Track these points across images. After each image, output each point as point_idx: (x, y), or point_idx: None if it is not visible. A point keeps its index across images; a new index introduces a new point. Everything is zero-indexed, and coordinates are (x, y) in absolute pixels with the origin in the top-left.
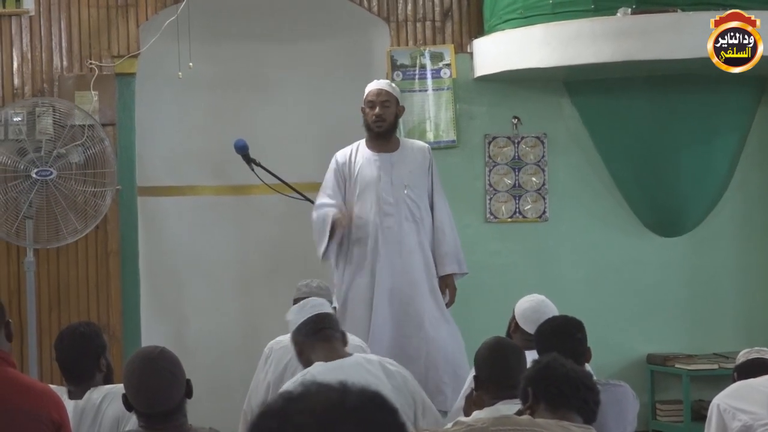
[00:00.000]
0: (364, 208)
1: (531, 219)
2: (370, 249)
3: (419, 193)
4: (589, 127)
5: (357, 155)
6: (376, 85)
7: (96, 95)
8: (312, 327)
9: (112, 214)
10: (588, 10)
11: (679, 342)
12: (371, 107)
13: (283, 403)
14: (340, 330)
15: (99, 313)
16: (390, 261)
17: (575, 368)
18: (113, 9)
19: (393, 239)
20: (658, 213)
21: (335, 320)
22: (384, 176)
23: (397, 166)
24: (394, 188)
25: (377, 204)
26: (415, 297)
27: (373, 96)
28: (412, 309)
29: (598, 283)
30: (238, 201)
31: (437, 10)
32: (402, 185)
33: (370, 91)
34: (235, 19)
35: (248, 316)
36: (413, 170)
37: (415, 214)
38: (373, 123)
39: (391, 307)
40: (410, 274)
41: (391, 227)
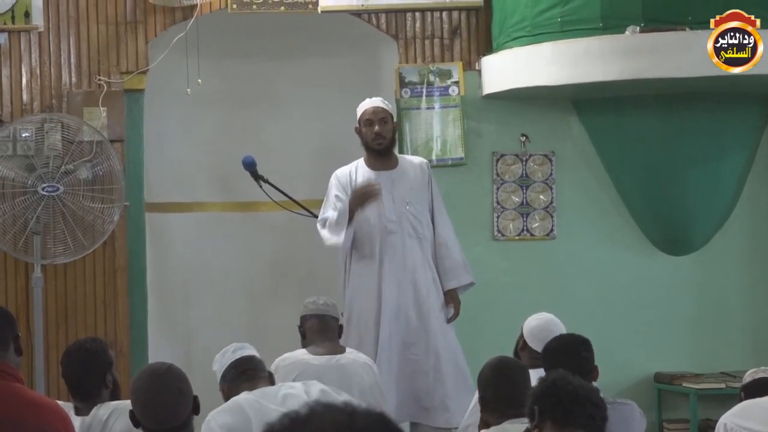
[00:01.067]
0: (367, 226)
1: (539, 237)
2: (376, 266)
3: (420, 209)
4: (597, 145)
5: (357, 174)
6: (372, 103)
7: (104, 111)
8: (234, 371)
9: (120, 230)
10: (596, 29)
11: (687, 361)
12: (369, 125)
13: (290, 425)
14: (265, 370)
15: (106, 329)
16: (396, 278)
17: (582, 384)
18: (122, 25)
19: (398, 256)
20: (666, 231)
21: (259, 361)
22: (385, 194)
23: (398, 184)
24: (395, 205)
25: (380, 222)
26: (423, 313)
27: (371, 114)
28: (419, 325)
29: (606, 301)
30: (246, 217)
31: (445, 27)
32: (403, 202)
33: (365, 109)
34: (243, 36)
35: (255, 332)
36: (414, 187)
37: (418, 230)
38: (373, 141)
39: (398, 323)
40: (417, 291)
41: (395, 244)
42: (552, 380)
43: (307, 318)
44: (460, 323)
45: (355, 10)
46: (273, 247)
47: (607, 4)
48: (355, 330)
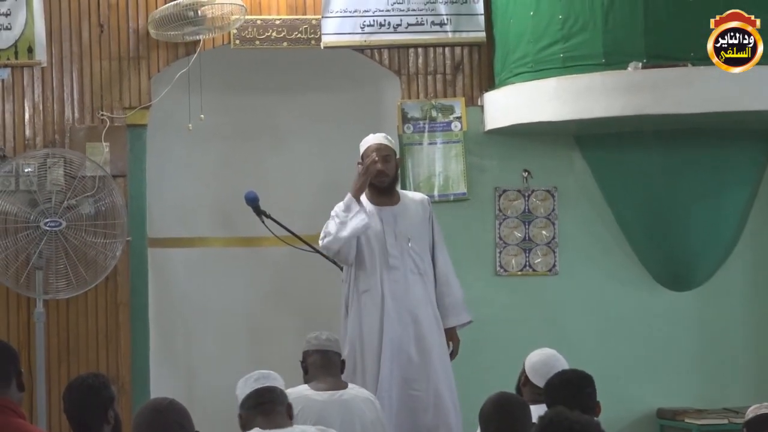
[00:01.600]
0: (371, 261)
1: (541, 272)
2: (378, 301)
3: (422, 246)
4: (600, 181)
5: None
6: (375, 140)
7: (107, 146)
8: (253, 401)
9: (123, 266)
10: (599, 64)
11: (689, 396)
12: (372, 162)
13: None
14: (284, 403)
15: (108, 365)
16: (398, 314)
17: (580, 420)
18: (125, 61)
19: (400, 293)
20: (668, 267)
21: (279, 393)
22: (387, 229)
23: (400, 220)
24: (398, 241)
25: (383, 257)
26: (424, 349)
27: (374, 151)
28: (420, 361)
29: (608, 336)
30: (248, 253)
31: (448, 63)
32: (405, 238)
33: (369, 146)
34: (246, 72)
35: (257, 367)
36: (415, 223)
37: (420, 266)
38: (375, 178)
39: (399, 360)
40: (418, 327)
41: (398, 280)
42: (549, 418)
43: (310, 353)
44: (461, 359)
45: (357, 45)
46: (275, 282)
47: (609, 40)
48: (357, 364)
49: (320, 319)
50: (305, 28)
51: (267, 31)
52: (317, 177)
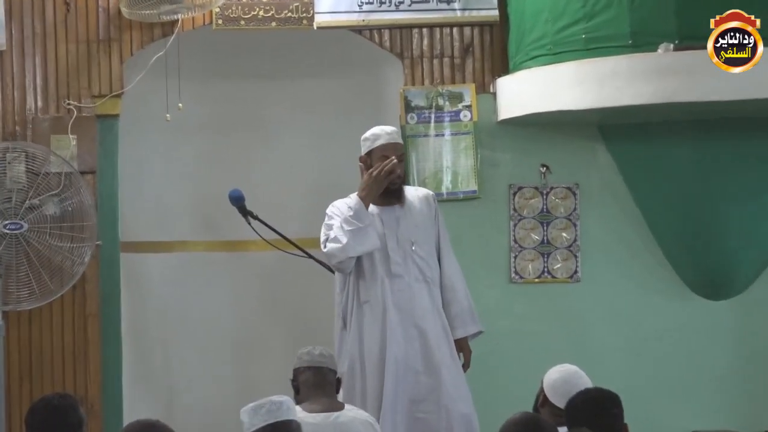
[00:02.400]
0: (371, 269)
1: (561, 279)
2: (380, 313)
3: (428, 250)
4: (626, 177)
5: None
6: (390, 138)
7: (74, 139)
8: None
9: (92, 273)
10: (625, 46)
11: (727, 417)
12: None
13: None
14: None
15: (76, 384)
16: (403, 328)
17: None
18: (94, 44)
19: (404, 303)
20: (703, 273)
21: (296, 428)
22: (389, 233)
23: (403, 222)
24: (400, 246)
25: (384, 264)
26: (433, 366)
27: (391, 151)
28: (429, 380)
29: (637, 351)
30: (233, 258)
31: (456, 45)
32: (409, 242)
33: (384, 144)
34: (229, 56)
35: (244, 386)
36: (419, 224)
37: (426, 273)
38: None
39: (405, 379)
40: (426, 341)
41: (402, 289)
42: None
43: (302, 371)
44: (473, 375)
45: (355, 26)
46: (263, 290)
47: (636, 19)
48: (356, 384)
49: (313, 332)
50: (296, 6)
51: (253, 10)
52: (310, 174)
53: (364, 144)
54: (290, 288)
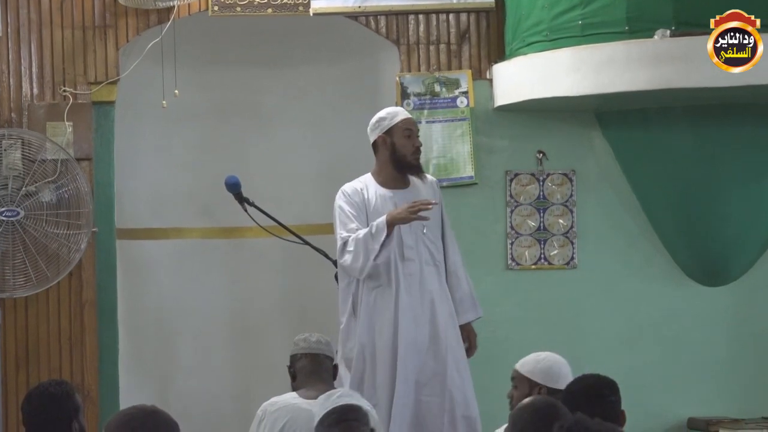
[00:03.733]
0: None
1: (558, 266)
2: (392, 298)
3: (436, 234)
4: (623, 163)
5: (369, 192)
6: (406, 114)
7: (70, 126)
8: (336, 417)
9: (88, 260)
10: (622, 32)
11: (724, 404)
12: (409, 137)
13: None
14: (368, 424)
15: (72, 371)
16: (413, 312)
17: (603, 428)
18: (90, 30)
19: (415, 286)
20: (701, 260)
21: (364, 413)
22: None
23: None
24: (412, 230)
25: (398, 248)
26: (440, 351)
27: (413, 125)
28: (435, 365)
29: (634, 338)
30: (230, 245)
31: (452, 32)
32: (420, 225)
33: (404, 119)
34: (226, 42)
35: (241, 374)
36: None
37: (435, 256)
38: (412, 155)
39: (414, 361)
40: (434, 326)
41: (413, 273)
42: (569, 426)
43: (298, 357)
44: (469, 361)
45: (350, 12)
46: (260, 277)
47: (633, 5)
48: (366, 370)
49: (311, 319)
50: None
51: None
52: (306, 160)
53: (380, 124)
54: (287, 274)
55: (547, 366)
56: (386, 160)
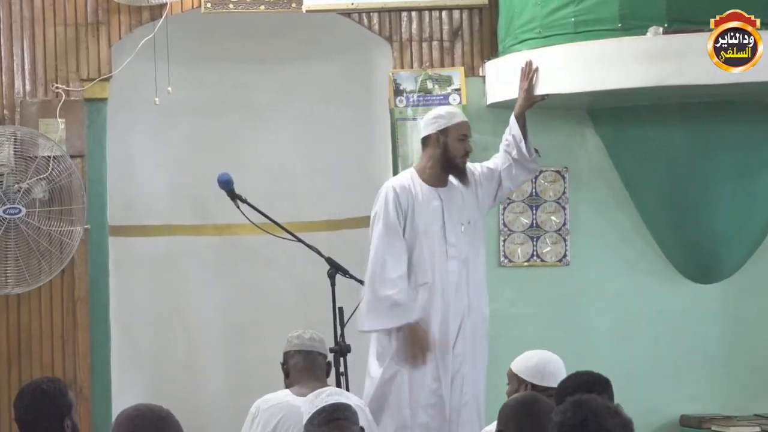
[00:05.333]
0: (429, 251)
1: (550, 263)
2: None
3: (473, 230)
4: (616, 161)
5: (416, 189)
6: (464, 117)
7: (63, 123)
8: (325, 416)
9: (80, 257)
10: (615, 29)
11: (717, 402)
12: (462, 140)
13: None
14: (358, 423)
15: (65, 368)
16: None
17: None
18: (82, 27)
19: (458, 284)
20: (693, 257)
21: (353, 412)
22: (447, 215)
23: (454, 202)
24: (454, 228)
25: (442, 246)
26: (471, 349)
27: (468, 130)
28: (463, 361)
29: (626, 335)
30: (223, 242)
31: (445, 28)
32: (459, 223)
33: (462, 122)
34: (219, 39)
35: (234, 371)
36: (467, 204)
37: (471, 253)
38: (462, 158)
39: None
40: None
41: (455, 271)
42: (564, 409)
43: (291, 354)
44: None
45: (343, 9)
46: (253, 274)
47: (626, 2)
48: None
49: (305, 316)
50: None
51: None
52: (299, 157)
53: (437, 121)
54: (280, 271)
55: (534, 364)
56: (435, 157)
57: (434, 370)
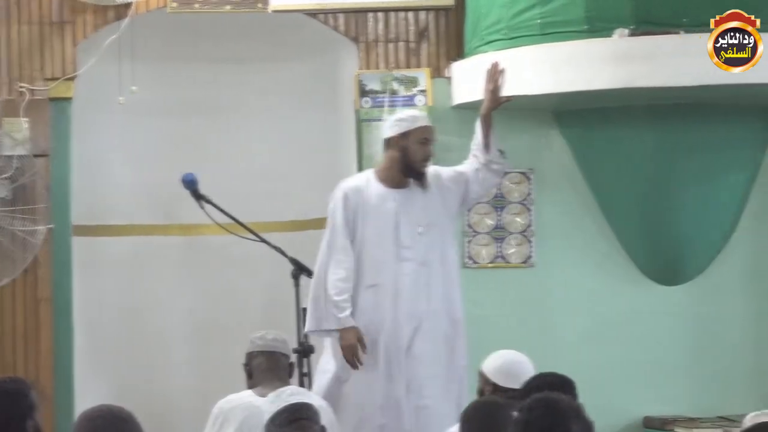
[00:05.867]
0: (381, 252)
1: (515, 264)
2: (390, 298)
3: (435, 233)
4: (581, 163)
5: (370, 190)
6: (428, 121)
7: (27, 122)
8: (285, 417)
9: (44, 257)
10: (581, 31)
11: (681, 403)
12: (423, 144)
13: None
14: (319, 422)
15: (27, 368)
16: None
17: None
18: (47, 26)
19: (411, 287)
20: (657, 259)
21: (315, 412)
22: (402, 217)
23: (412, 204)
24: (410, 230)
25: (395, 248)
26: (416, 355)
27: (431, 134)
28: (408, 366)
29: (590, 336)
30: (188, 242)
31: (411, 29)
32: (417, 225)
33: (425, 126)
34: (184, 39)
35: (199, 372)
36: (428, 206)
37: (431, 256)
38: (422, 162)
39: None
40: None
41: (409, 274)
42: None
43: (254, 355)
44: None
45: (309, 9)
46: (218, 275)
47: (592, 3)
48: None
49: (271, 317)
50: None
51: None
52: (265, 157)
53: (399, 124)
54: (245, 272)
55: (499, 364)
56: (395, 159)
57: (386, 371)
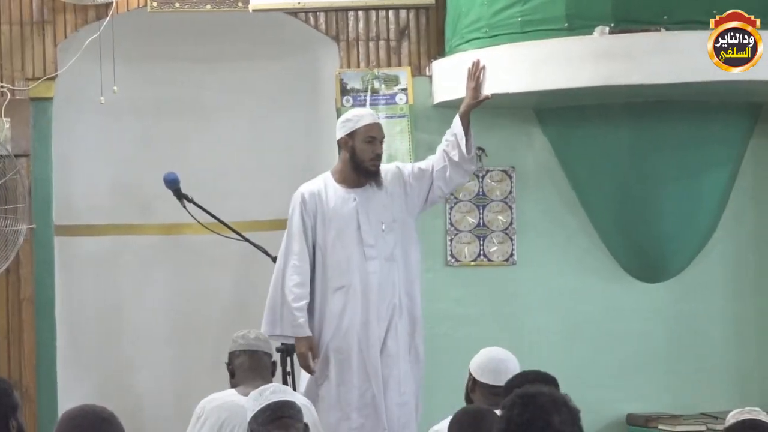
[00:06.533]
0: (345, 253)
1: (497, 262)
2: (359, 298)
3: (399, 231)
4: (562, 160)
5: (327, 194)
6: (373, 118)
7: (8, 122)
8: (268, 415)
9: (26, 257)
10: (561, 29)
11: (663, 400)
12: (370, 143)
13: None
14: (302, 420)
15: (10, 368)
16: (377, 312)
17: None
18: (27, 26)
19: (377, 285)
20: (639, 256)
21: (298, 409)
22: (362, 215)
23: (373, 202)
24: (372, 228)
25: (359, 247)
26: (390, 353)
27: (377, 132)
28: (383, 363)
29: (572, 334)
30: (170, 242)
31: (392, 28)
32: (379, 223)
33: (370, 124)
34: (165, 38)
35: (182, 371)
36: (389, 203)
37: (396, 252)
38: (370, 161)
39: (373, 361)
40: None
41: (375, 272)
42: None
43: (237, 354)
44: None
45: (290, 8)
46: (199, 274)
47: (572, 2)
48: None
49: (252, 317)
50: None
51: None
52: (246, 156)
53: (345, 125)
54: (226, 271)
55: (482, 361)
56: (346, 160)
57: (361, 371)
